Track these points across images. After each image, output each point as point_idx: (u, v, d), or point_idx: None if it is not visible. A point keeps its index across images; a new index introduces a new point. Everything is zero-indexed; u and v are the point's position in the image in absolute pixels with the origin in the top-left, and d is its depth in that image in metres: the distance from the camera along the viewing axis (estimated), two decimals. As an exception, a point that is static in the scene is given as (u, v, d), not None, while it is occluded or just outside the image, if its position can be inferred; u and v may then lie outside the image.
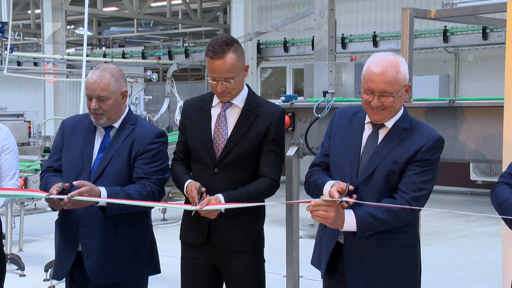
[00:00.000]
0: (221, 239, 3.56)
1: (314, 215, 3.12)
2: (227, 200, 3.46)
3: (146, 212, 3.81)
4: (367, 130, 3.39)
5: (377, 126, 3.35)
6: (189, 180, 3.56)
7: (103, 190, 3.46)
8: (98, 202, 3.45)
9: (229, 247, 3.58)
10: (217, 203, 3.41)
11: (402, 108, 3.37)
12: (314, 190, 3.40)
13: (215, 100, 3.68)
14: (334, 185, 3.14)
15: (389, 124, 3.34)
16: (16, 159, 3.88)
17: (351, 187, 3.12)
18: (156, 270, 3.84)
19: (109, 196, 3.46)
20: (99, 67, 3.67)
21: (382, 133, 3.35)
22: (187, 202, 3.60)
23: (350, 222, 3.14)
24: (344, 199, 3.06)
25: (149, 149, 3.65)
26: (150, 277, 3.87)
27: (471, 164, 14.00)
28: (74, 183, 3.41)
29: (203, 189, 3.41)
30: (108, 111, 3.63)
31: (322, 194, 3.25)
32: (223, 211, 3.46)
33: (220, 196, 3.47)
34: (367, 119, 3.38)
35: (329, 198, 3.07)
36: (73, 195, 3.34)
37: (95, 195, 3.41)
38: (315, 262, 3.54)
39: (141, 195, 3.54)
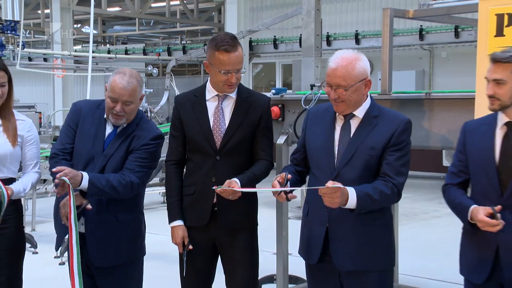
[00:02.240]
0: (228, 219, 3.57)
1: (325, 201, 3.11)
2: (242, 183, 3.48)
3: (140, 202, 3.82)
4: (339, 121, 3.41)
5: (348, 117, 3.38)
6: (177, 223, 3.65)
7: (85, 175, 3.44)
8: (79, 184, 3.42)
9: (233, 226, 3.59)
10: (235, 186, 3.43)
11: (369, 98, 3.41)
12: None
13: (209, 94, 3.68)
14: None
15: (360, 114, 3.37)
16: (38, 150, 3.89)
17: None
18: (143, 251, 3.84)
19: (90, 181, 3.43)
20: (125, 72, 3.60)
21: (354, 123, 3.38)
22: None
23: (352, 201, 3.15)
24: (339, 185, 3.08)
25: (142, 148, 3.64)
26: (152, 255, 3.86)
27: (443, 151, 14.03)
28: (55, 168, 3.40)
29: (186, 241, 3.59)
30: (129, 113, 3.62)
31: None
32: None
33: (236, 180, 3.47)
34: None
35: (335, 185, 3.06)
36: (61, 174, 3.32)
37: (76, 177, 3.39)
38: (303, 251, 3.53)
39: (120, 183, 3.52)
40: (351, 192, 3.15)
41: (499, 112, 3.22)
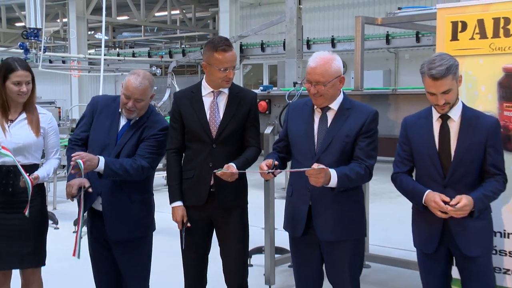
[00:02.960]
0: (223, 198, 3.56)
1: (311, 180, 3.13)
2: (237, 167, 3.48)
3: (150, 184, 3.81)
4: (317, 114, 3.41)
5: (324, 109, 3.39)
6: (177, 203, 3.62)
7: (101, 158, 3.45)
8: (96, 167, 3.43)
9: (227, 205, 3.58)
10: (233, 170, 3.43)
11: (342, 93, 3.43)
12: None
13: (205, 90, 3.66)
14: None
15: (335, 106, 3.39)
16: (58, 139, 3.87)
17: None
18: (153, 227, 3.84)
19: (106, 163, 3.44)
20: (139, 74, 3.60)
21: (330, 114, 3.39)
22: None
23: (333, 180, 3.18)
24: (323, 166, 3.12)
25: (152, 137, 3.64)
26: (157, 230, 3.86)
27: (407, 140, 14.11)
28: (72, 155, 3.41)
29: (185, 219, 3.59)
30: (140, 109, 3.61)
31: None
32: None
33: (232, 164, 3.47)
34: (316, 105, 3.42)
35: (320, 167, 3.09)
36: (76, 157, 3.34)
37: (93, 160, 3.40)
38: (288, 226, 3.53)
39: (132, 167, 3.52)
40: (333, 173, 3.17)
41: (432, 107, 3.28)
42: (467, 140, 3.19)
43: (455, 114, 3.24)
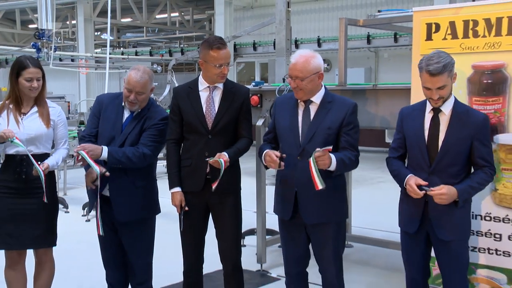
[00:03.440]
0: (221, 184, 3.52)
1: (320, 162, 3.13)
2: (229, 156, 3.48)
3: (153, 171, 3.80)
4: (301, 107, 3.40)
5: (307, 103, 3.37)
6: (175, 189, 3.60)
7: (104, 148, 3.47)
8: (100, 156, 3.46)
9: (222, 190, 3.55)
10: (224, 158, 3.45)
11: (323, 88, 3.40)
12: (259, 156, 3.47)
13: (201, 86, 3.63)
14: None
15: (317, 100, 3.37)
16: (66, 130, 3.85)
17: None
18: (159, 210, 3.84)
19: (109, 152, 3.46)
20: (140, 69, 3.60)
21: (312, 108, 3.37)
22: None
23: (333, 163, 3.19)
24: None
25: (153, 127, 3.63)
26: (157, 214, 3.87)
27: (386, 131, 14.11)
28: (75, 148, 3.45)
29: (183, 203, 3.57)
30: (141, 101, 3.61)
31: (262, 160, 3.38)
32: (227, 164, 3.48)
33: (224, 153, 3.47)
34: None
35: (324, 148, 3.12)
36: (78, 149, 3.38)
37: (97, 150, 3.43)
38: (278, 210, 3.53)
39: (134, 155, 3.53)
40: (333, 156, 3.18)
41: (427, 100, 3.26)
42: (455, 133, 3.18)
43: (447, 108, 3.22)
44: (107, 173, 3.48)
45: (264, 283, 4.97)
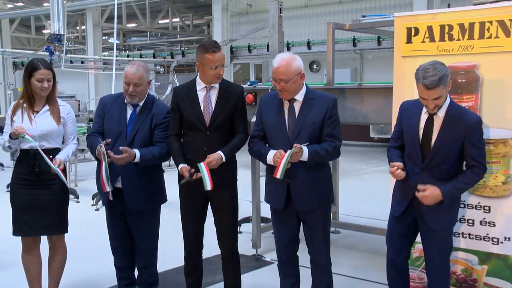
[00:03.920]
0: (219, 178, 3.50)
1: (294, 157, 3.18)
2: (225, 154, 3.48)
3: (161, 163, 3.82)
4: (286, 105, 3.39)
5: (291, 101, 3.37)
6: (182, 165, 3.53)
7: (137, 152, 3.51)
8: (134, 159, 3.51)
9: (220, 182, 3.52)
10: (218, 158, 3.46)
11: (305, 86, 3.39)
12: (259, 157, 3.45)
13: (199, 86, 3.60)
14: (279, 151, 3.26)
15: (300, 98, 3.36)
16: (75, 127, 3.84)
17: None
18: (165, 199, 3.84)
19: (141, 156, 3.52)
20: (135, 63, 3.64)
21: (296, 105, 3.36)
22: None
23: (305, 155, 3.21)
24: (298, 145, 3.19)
25: (163, 122, 3.65)
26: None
27: (370, 126, 14.15)
28: (121, 148, 3.47)
29: (193, 170, 3.44)
30: (139, 93, 3.61)
31: (267, 161, 3.35)
32: (224, 160, 3.48)
33: (220, 153, 3.47)
34: None
35: (299, 146, 3.16)
36: (115, 158, 3.45)
37: (131, 157, 3.48)
38: (270, 200, 3.53)
39: (161, 154, 3.59)
40: (305, 149, 3.21)
41: None
42: (447, 135, 3.11)
43: (441, 111, 3.14)
44: (109, 140, 3.53)
45: (258, 266, 4.99)
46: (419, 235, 3.38)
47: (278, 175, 3.20)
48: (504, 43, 3.42)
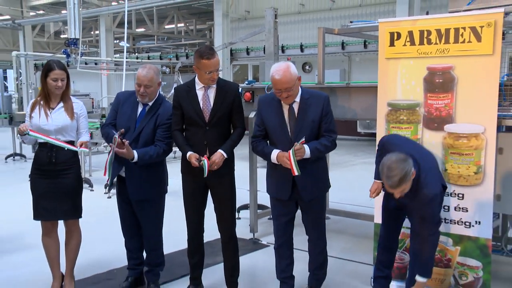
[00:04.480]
0: (218, 169, 3.50)
1: (297, 154, 3.22)
2: (225, 151, 3.49)
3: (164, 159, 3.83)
4: (285, 106, 3.40)
5: (290, 102, 3.38)
6: (190, 152, 3.51)
7: (135, 152, 3.52)
8: (133, 159, 3.53)
9: (219, 172, 3.52)
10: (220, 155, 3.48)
11: (300, 88, 3.40)
12: (263, 155, 3.46)
13: (198, 85, 3.58)
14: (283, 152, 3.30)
15: (297, 99, 3.38)
16: (87, 122, 3.84)
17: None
18: (165, 191, 3.85)
19: (139, 157, 3.53)
20: (146, 66, 3.63)
21: (295, 106, 3.38)
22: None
23: (307, 152, 3.26)
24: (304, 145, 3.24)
25: (166, 123, 3.64)
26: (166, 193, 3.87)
27: (358, 121, 14.15)
28: (125, 143, 3.47)
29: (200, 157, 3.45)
30: (150, 94, 3.62)
31: (270, 159, 3.37)
32: (226, 157, 3.49)
33: (221, 151, 3.48)
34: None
35: (298, 144, 3.21)
36: (117, 150, 3.45)
37: (130, 154, 3.49)
38: (275, 191, 3.54)
39: (158, 153, 3.58)
40: (306, 147, 3.25)
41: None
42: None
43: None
44: (122, 130, 3.52)
45: (255, 249, 5.00)
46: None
47: (296, 172, 3.23)
48: (476, 47, 3.45)
